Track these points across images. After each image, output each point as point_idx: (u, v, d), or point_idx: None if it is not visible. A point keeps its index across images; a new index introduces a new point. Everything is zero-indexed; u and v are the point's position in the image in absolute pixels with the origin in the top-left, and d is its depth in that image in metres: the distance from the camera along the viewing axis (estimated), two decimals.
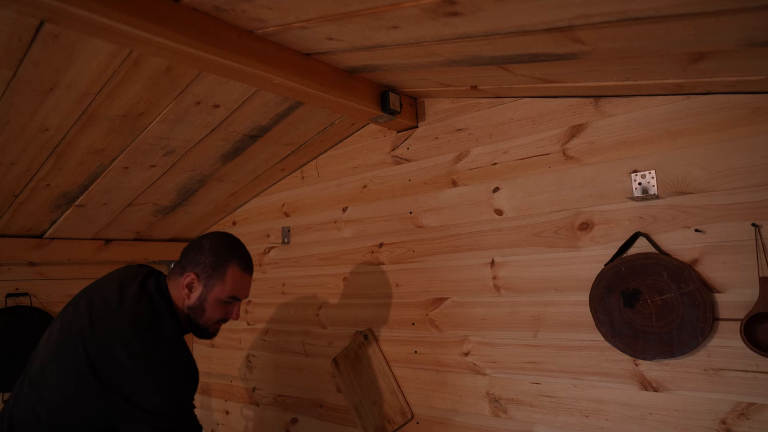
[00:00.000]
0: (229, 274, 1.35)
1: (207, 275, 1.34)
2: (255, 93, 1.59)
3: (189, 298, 1.34)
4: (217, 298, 1.35)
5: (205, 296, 1.34)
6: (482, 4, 0.93)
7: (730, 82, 1.21)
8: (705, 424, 1.26)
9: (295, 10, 1.08)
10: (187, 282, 1.34)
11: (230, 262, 1.36)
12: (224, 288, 1.35)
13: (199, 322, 1.37)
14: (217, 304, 1.36)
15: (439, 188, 1.80)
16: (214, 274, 1.34)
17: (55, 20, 0.99)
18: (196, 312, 1.35)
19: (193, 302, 1.35)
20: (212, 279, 1.34)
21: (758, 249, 1.21)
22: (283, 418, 2.26)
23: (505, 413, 1.59)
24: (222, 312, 1.38)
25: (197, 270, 1.34)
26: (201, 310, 1.35)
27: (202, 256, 1.35)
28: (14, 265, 2.17)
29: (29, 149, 1.58)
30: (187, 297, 1.35)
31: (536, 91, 1.55)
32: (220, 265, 1.35)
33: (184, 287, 1.34)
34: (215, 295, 1.35)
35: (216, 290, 1.34)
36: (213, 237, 1.40)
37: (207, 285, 1.34)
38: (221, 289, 1.35)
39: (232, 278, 1.35)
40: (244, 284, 1.40)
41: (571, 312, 1.48)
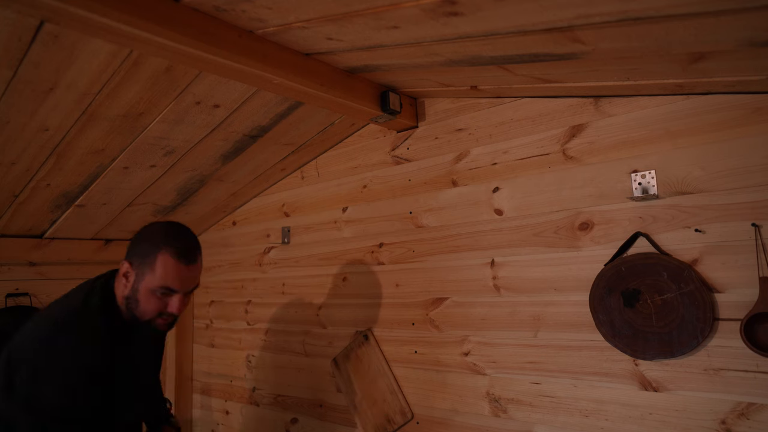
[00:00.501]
0: (158, 263, 1.24)
1: (139, 263, 1.26)
2: (255, 93, 1.59)
3: (125, 287, 1.28)
4: (148, 289, 1.25)
5: (137, 286, 1.26)
6: (482, 4, 0.93)
7: (730, 82, 1.21)
8: (705, 424, 1.26)
9: (295, 10, 1.08)
10: (123, 271, 1.28)
11: (160, 249, 1.25)
12: (154, 278, 1.25)
13: (136, 313, 1.28)
14: (150, 295, 1.26)
15: (439, 188, 1.80)
16: (144, 262, 1.25)
17: (55, 20, 0.99)
18: (131, 302, 1.28)
19: (128, 292, 1.28)
20: (143, 267, 1.25)
21: (758, 249, 1.21)
22: (283, 418, 2.26)
23: (505, 413, 1.59)
24: (158, 304, 1.28)
25: (132, 259, 1.27)
26: (135, 301, 1.27)
27: (137, 245, 1.28)
28: (14, 265, 2.17)
29: (29, 149, 1.58)
30: (124, 286, 1.28)
31: (536, 91, 1.55)
32: (151, 254, 1.25)
33: (122, 276, 1.29)
34: (146, 285, 1.25)
35: (146, 280, 1.25)
36: (152, 225, 1.32)
37: (138, 274, 1.26)
38: (151, 278, 1.25)
39: (162, 267, 1.24)
40: (178, 275, 1.26)
41: (571, 312, 1.48)
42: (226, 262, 2.61)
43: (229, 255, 2.60)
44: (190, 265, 1.29)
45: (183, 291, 1.29)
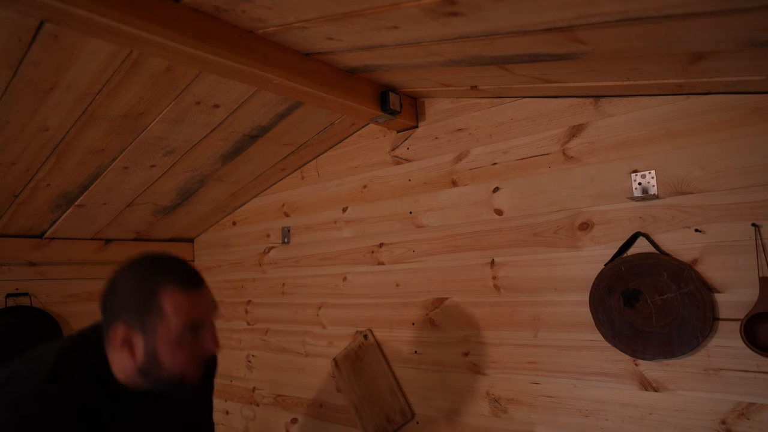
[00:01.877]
0: (166, 305, 0.97)
1: (139, 321, 0.97)
2: (255, 93, 1.59)
3: (133, 358, 0.98)
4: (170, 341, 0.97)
5: (152, 347, 0.97)
6: (482, 4, 0.93)
7: (730, 82, 1.21)
8: (705, 424, 1.26)
9: (295, 10, 1.08)
10: (120, 339, 0.97)
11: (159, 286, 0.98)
12: (168, 323, 0.97)
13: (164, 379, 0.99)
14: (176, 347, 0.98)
15: (439, 188, 1.80)
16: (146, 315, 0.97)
17: (55, 20, 0.99)
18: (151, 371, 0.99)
19: (141, 362, 0.98)
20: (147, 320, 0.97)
21: (758, 249, 1.21)
22: (283, 418, 2.26)
23: (505, 413, 1.59)
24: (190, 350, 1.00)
25: (125, 320, 0.97)
26: (157, 366, 0.98)
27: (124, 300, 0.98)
28: (14, 265, 2.17)
29: (29, 149, 1.58)
30: (131, 357, 0.98)
31: (536, 91, 1.55)
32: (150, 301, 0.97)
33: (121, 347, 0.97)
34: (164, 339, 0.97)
35: (161, 332, 0.97)
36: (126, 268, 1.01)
37: (146, 331, 0.97)
38: (165, 326, 0.97)
39: (172, 306, 0.97)
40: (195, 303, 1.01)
41: (571, 312, 1.48)
42: (226, 262, 2.61)
43: (229, 255, 2.60)
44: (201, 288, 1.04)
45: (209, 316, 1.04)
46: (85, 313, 2.38)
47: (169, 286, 0.98)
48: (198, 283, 1.03)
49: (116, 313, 0.98)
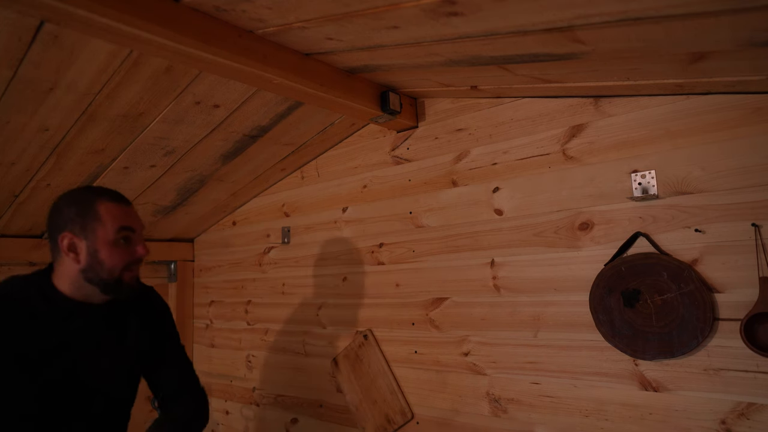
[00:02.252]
0: (103, 212, 1.18)
1: (81, 226, 1.16)
2: (255, 93, 1.59)
3: (78, 260, 1.17)
4: (107, 242, 1.17)
5: (93, 248, 1.16)
6: (482, 4, 0.93)
7: (730, 82, 1.21)
8: (705, 424, 1.26)
9: (295, 10, 1.08)
10: (66, 245, 1.16)
11: (97, 201, 1.19)
12: (107, 227, 1.17)
13: (105, 277, 1.18)
14: (112, 247, 1.18)
15: (439, 188, 1.80)
16: (86, 222, 1.17)
17: (55, 20, 0.99)
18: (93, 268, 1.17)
19: (85, 261, 1.17)
20: (88, 225, 1.17)
21: (758, 249, 1.21)
22: (283, 418, 2.26)
23: (505, 413, 1.59)
24: (123, 253, 1.20)
25: (68, 229, 1.17)
26: (99, 263, 1.17)
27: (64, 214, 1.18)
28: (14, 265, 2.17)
29: (29, 149, 1.58)
30: (76, 261, 1.17)
31: (536, 91, 1.55)
32: (89, 211, 1.17)
33: (67, 253, 1.16)
34: (103, 239, 1.17)
35: (100, 235, 1.17)
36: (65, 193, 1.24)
37: (87, 235, 1.16)
38: (104, 230, 1.17)
39: (109, 213, 1.18)
40: (127, 213, 1.23)
41: (571, 312, 1.48)
42: (226, 262, 2.61)
43: (229, 255, 2.60)
44: (130, 205, 1.25)
45: (139, 229, 1.25)
46: None
47: (104, 198, 1.21)
48: (127, 201, 1.26)
49: (61, 226, 1.17)
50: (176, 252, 2.70)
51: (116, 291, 1.23)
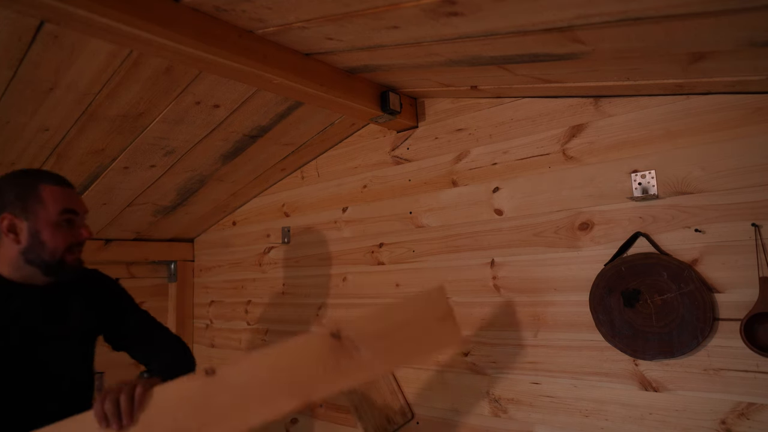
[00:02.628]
0: (45, 194, 1.17)
1: (22, 207, 1.16)
2: (255, 93, 1.59)
3: (18, 241, 1.16)
4: (49, 223, 1.17)
5: (34, 228, 1.16)
6: (482, 4, 0.93)
7: (730, 82, 1.21)
8: (705, 424, 1.26)
9: (295, 10, 1.08)
10: (5, 227, 1.15)
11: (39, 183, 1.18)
12: (49, 209, 1.17)
13: (46, 258, 1.18)
14: (55, 229, 1.18)
15: (439, 188, 1.80)
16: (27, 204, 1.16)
17: (55, 20, 0.99)
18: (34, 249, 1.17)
19: (26, 241, 1.16)
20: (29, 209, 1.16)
21: (758, 249, 1.21)
22: (283, 418, 2.26)
23: (505, 413, 1.59)
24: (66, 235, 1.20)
25: (8, 209, 1.16)
26: (40, 244, 1.17)
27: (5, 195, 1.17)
28: None
29: (29, 149, 1.58)
30: (16, 241, 1.16)
31: (536, 91, 1.55)
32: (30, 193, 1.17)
33: (6, 234, 1.16)
34: (44, 220, 1.17)
35: (41, 216, 1.16)
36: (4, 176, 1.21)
37: (29, 217, 1.16)
38: (46, 212, 1.17)
39: (51, 195, 1.18)
40: (69, 196, 1.22)
41: (571, 312, 1.48)
42: (226, 262, 2.61)
43: (229, 255, 2.60)
44: (72, 188, 1.24)
45: (82, 213, 1.25)
46: None
47: (46, 180, 1.19)
48: (69, 184, 1.24)
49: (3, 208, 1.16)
50: (176, 252, 2.70)
51: (58, 272, 1.22)
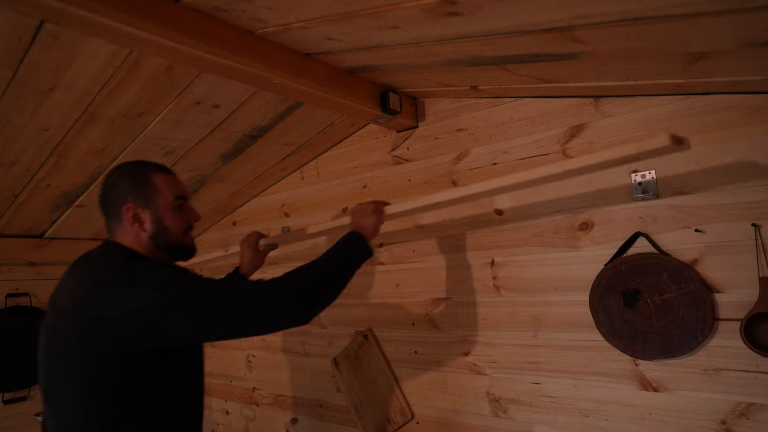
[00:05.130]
0: (158, 183, 1.25)
1: (142, 197, 1.23)
2: (255, 93, 1.59)
3: (144, 228, 1.23)
4: (168, 208, 1.25)
5: (156, 215, 1.23)
6: (482, 4, 0.93)
7: (730, 82, 1.21)
8: (705, 424, 1.26)
9: (295, 10, 1.08)
10: (131, 216, 1.21)
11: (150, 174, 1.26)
12: (165, 196, 1.24)
13: (171, 241, 1.26)
14: (173, 213, 1.26)
15: (439, 188, 1.80)
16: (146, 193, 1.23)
17: (55, 20, 0.99)
18: (160, 234, 1.24)
19: (152, 228, 1.23)
20: (149, 198, 1.23)
21: (758, 249, 1.21)
22: (283, 418, 2.26)
23: (505, 413, 1.59)
24: (181, 218, 1.28)
25: (129, 200, 1.22)
26: (164, 229, 1.24)
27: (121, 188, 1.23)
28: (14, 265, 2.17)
29: (29, 149, 1.58)
30: (142, 229, 1.23)
31: (536, 91, 1.55)
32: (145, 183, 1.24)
33: (133, 223, 1.22)
34: (164, 207, 1.24)
35: (160, 203, 1.24)
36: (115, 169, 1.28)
37: (150, 204, 1.23)
38: (163, 199, 1.24)
39: (164, 183, 1.25)
40: (178, 182, 1.31)
41: (571, 312, 1.48)
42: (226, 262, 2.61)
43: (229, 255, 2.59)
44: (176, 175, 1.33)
45: (189, 197, 1.34)
46: None
47: (155, 170, 1.27)
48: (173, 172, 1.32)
49: (122, 200, 1.22)
50: None
51: (182, 253, 1.31)
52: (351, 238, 1.35)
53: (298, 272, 1.22)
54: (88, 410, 1.10)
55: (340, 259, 1.31)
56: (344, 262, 1.31)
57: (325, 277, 1.25)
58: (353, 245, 1.34)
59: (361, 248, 1.35)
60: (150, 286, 1.09)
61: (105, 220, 1.27)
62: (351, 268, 1.32)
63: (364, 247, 1.36)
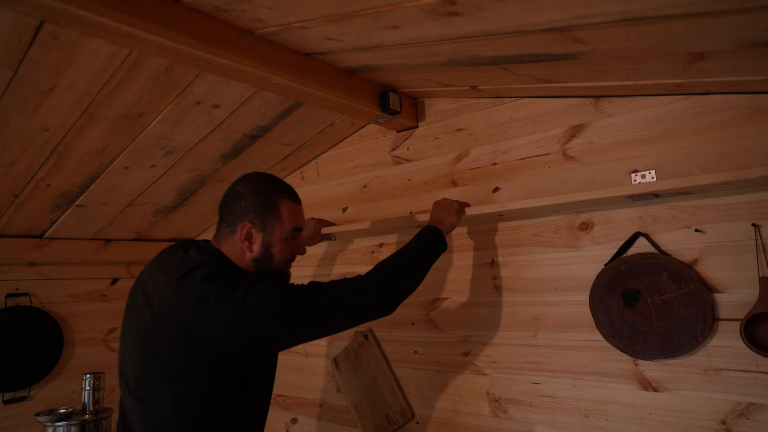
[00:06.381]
0: (283, 211, 1.25)
1: (262, 220, 1.23)
2: (255, 93, 1.59)
3: (251, 250, 1.23)
4: (281, 238, 1.25)
5: (268, 241, 1.24)
6: (482, 4, 0.93)
7: (730, 82, 1.21)
8: (705, 424, 1.26)
9: (295, 10, 1.08)
10: (244, 234, 1.22)
11: (279, 197, 1.26)
12: (283, 226, 1.25)
13: (271, 268, 1.27)
14: (284, 244, 1.26)
15: (439, 188, 1.80)
16: (269, 216, 1.23)
17: (55, 20, 0.99)
18: (264, 260, 1.25)
19: (258, 252, 1.23)
20: (269, 221, 1.23)
21: (758, 249, 1.21)
22: (283, 418, 2.26)
23: (505, 413, 1.59)
24: (289, 250, 1.29)
25: (248, 218, 1.23)
26: (269, 256, 1.25)
27: (248, 203, 1.24)
28: (14, 265, 2.17)
29: (29, 149, 1.58)
30: (249, 250, 1.23)
31: (536, 91, 1.55)
32: (272, 205, 1.24)
33: (243, 241, 1.22)
34: (278, 235, 1.24)
35: (277, 231, 1.24)
36: (249, 180, 1.28)
37: (266, 229, 1.23)
38: (281, 228, 1.24)
39: (288, 213, 1.26)
40: (300, 214, 1.31)
41: (571, 312, 1.48)
42: None
43: None
44: (301, 207, 1.34)
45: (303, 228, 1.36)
46: (85, 313, 2.37)
47: (286, 197, 1.28)
48: (300, 201, 1.33)
49: (244, 214, 1.23)
50: None
51: None
52: (433, 232, 1.42)
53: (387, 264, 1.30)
54: (178, 410, 1.13)
55: (424, 251, 1.38)
56: (427, 255, 1.39)
57: (411, 268, 1.33)
58: (434, 239, 1.41)
59: (441, 242, 1.43)
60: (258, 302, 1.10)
61: (219, 221, 1.28)
62: (431, 261, 1.39)
63: (443, 242, 1.43)
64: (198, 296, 1.10)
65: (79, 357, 2.31)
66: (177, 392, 1.13)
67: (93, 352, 2.37)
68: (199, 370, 1.11)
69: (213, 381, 1.13)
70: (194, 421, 1.13)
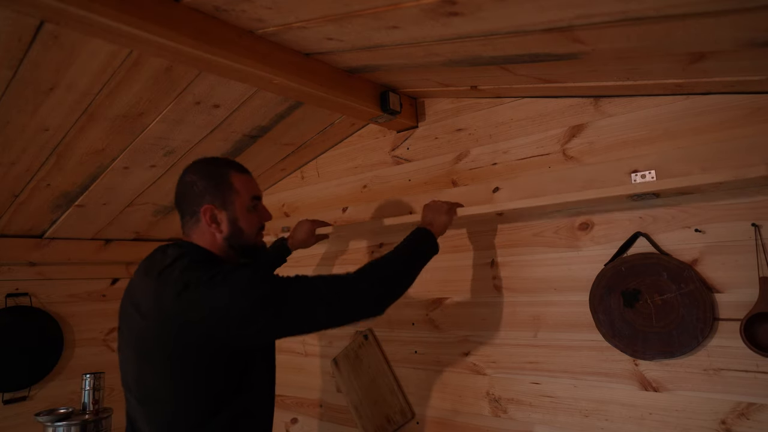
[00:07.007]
0: (236, 183, 1.27)
1: (220, 197, 1.24)
2: (255, 93, 1.59)
3: (220, 230, 1.25)
4: (243, 210, 1.27)
5: (233, 216, 1.25)
6: (482, 4, 0.93)
7: (730, 82, 1.21)
8: (705, 424, 1.26)
9: (295, 10, 1.08)
10: (209, 217, 1.23)
11: (228, 171, 1.28)
12: (241, 196, 1.27)
13: (245, 242, 1.28)
14: (248, 214, 1.28)
15: (439, 188, 1.80)
16: (225, 191, 1.25)
17: (55, 20, 0.99)
18: (235, 235, 1.26)
19: (227, 230, 1.25)
20: (227, 197, 1.25)
21: (758, 249, 1.21)
22: (283, 418, 2.26)
23: (505, 413, 1.59)
24: (255, 219, 1.31)
25: (207, 200, 1.24)
26: (239, 230, 1.26)
27: (200, 187, 1.25)
28: (14, 265, 2.17)
29: (29, 149, 1.58)
30: (218, 231, 1.25)
31: (536, 91, 1.55)
32: (224, 182, 1.26)
33: (210, 224, 1.24)
34: (240, 208, 1.26)
35: (237, 204, 1.26)
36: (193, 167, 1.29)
37: (227, 205, 1.25)
38: (240, 199, 1.26)
39: (240, 183, 1.27)
40: (253, 182, 1.33)
41: (571, 312, 1.48)
42: None
43: None
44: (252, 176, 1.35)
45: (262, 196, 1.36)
46: (85, 313, 2.37)
47: (234, 169, 1.28)
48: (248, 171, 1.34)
49: (200, 200, 1.24)
50: None
51: (253, 253, 1.33)
52: (424, 234, 1.41)
53: (376, 264, 1.29)
54: (180, 407, 1.14)
55: (415, 253, 1.37)
56: (418, 257, 1.37)
57: (401, 270, 1.32)
58: (425, 241, 1.40)
59: (432, 245, 1.41)
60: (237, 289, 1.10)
61: (180, 217, 1.29)
62: (422, 263, 1.37)
63: (434, 244, 1.41)
64: (177, 288, 1.11)
65: (79, 357, 2.31)
66: (176, 389, 1.13)
67: (93, 352, 2.37)
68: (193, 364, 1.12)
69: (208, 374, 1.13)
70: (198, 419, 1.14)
